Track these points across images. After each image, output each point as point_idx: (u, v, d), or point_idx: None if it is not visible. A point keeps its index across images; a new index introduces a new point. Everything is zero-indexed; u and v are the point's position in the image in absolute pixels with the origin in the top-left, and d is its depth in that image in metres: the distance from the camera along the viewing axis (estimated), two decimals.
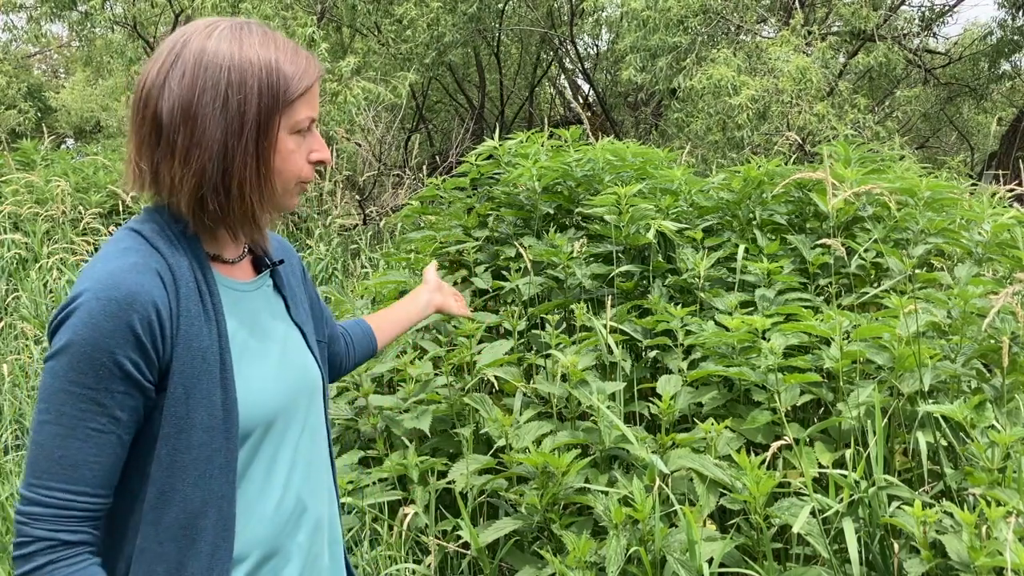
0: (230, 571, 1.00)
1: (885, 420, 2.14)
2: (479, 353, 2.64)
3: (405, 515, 2.33)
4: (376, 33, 9.02)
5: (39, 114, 17.81)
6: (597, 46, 12.20)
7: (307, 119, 1.04)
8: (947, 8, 10.84)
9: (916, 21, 10.34)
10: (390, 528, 2.40)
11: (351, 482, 2.37)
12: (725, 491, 2.05)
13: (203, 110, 0.97)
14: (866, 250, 2.84)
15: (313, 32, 6.47)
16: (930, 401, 2.26)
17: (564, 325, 2.95)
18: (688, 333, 2.56)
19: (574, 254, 2.95)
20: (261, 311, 1.11)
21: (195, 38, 1.00)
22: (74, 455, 0.91)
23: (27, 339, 4.08)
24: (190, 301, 0.98)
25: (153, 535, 0.95)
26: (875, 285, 2.91)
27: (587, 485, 2.13)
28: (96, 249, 5.06)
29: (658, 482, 1.99)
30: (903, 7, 10.01)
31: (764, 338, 2.39)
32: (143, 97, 1.00)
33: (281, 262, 1.18)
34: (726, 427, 2.19)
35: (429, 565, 2.27)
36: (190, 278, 1.00)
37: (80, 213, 5.84)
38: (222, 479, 0.98)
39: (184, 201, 0.99)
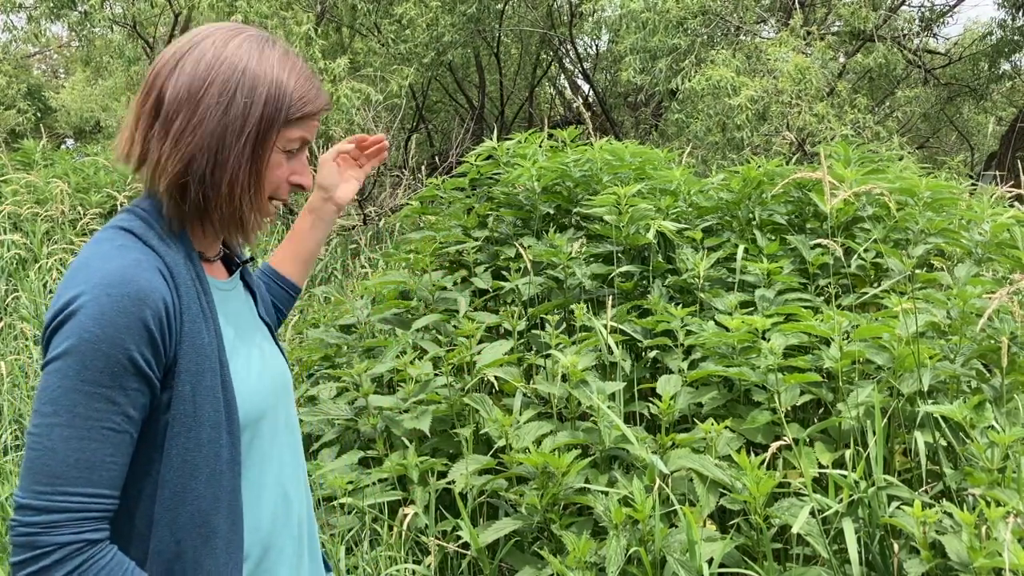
0: (242, 564, 1.01)
1: (885, 420, 2.13)
2: (479, 353, 2.64)
3: (405, 515, 2.33)
4: (376, 33, 9.02)
5: (39, 114, 17.78)
6: (596, 46, 12.20)
7: (299, 140, 1.06)
8: (947, 8, 10.85)
9: (916, 21, 10.34)
10: (390, 528, 2.39)
11: (351, 482, 2.37)
12: (725, 491, 2.05)
13: (208, 100, 0.99)
14: (866, 250, 2.84)
15: (309, 30, 6.46)
16: (930, 401, 2.26)
17: (564, 325, 2.94)
18: (688, 333, 2.56)
19: (574, 254, 2.95)
20: (241, 310, 1.13)
21: (219, 34, 1.03)
22: (91, 456, 0.89)
23: (27, 339, 4.08)
24: (190, 298, 0.99)
25: (169, 536, 0.95)
26: (875, 285, 2.91)
27: (587, 485, 2.13)
28: None
29: (658, 482, 1.99)
30: (903, 7, 10.00)
31: (764, 338, 2.39)
32: (154, 74, 1.02)
33: (252, 259, 1.20)
34: (726, 427, 2.19)
35: (429, 565, 2.27)
36: (187, 275, 1.00)
37: (80, 213, 5.84)
38: (230, 474, 1.00)
39: (164, 183, 0.99)
